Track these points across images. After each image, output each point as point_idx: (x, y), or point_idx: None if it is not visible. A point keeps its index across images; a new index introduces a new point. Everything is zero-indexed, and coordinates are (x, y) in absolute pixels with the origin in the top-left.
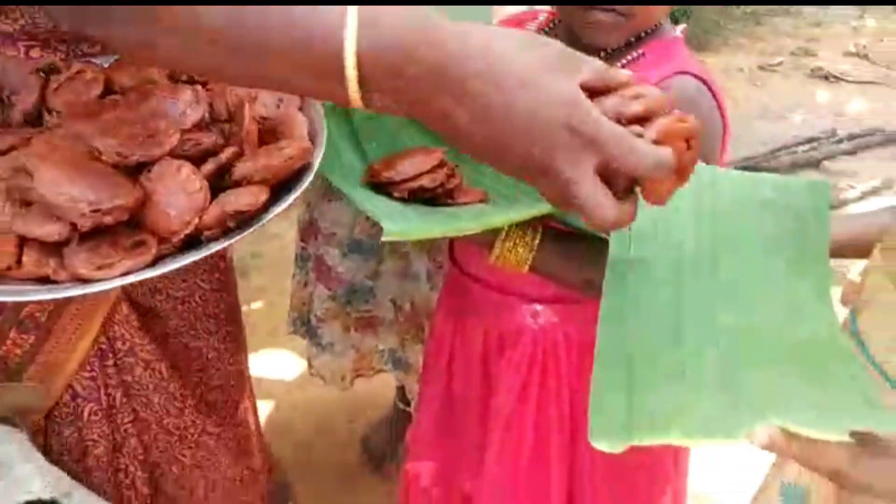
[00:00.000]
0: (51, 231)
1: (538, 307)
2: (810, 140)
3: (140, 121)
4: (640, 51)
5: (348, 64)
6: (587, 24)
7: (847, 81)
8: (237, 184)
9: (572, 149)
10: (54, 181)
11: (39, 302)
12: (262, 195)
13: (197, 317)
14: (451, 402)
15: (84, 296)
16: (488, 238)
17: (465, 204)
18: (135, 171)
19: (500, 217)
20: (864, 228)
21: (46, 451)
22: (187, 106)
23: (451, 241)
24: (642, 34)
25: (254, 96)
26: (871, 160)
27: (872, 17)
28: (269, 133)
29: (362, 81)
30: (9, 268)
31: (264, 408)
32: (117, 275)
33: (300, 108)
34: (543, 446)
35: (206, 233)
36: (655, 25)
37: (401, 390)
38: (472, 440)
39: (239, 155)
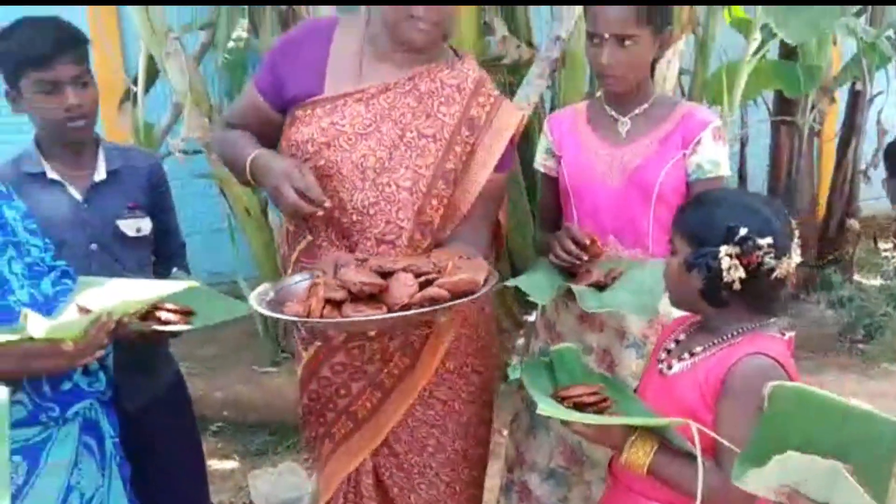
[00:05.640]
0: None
1: None
2: None
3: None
4: (739, 339)
5: None
6: None
7: None
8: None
9: None
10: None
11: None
12: (444, 292)
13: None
14: None
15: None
16: (621, 443)
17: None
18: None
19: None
20: None
21: (378, 482)
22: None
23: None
24: (744, 328)
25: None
26: None
27: None
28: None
29: None
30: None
31: None
32: (375, 317)
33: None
34: None
35: (415, 305)
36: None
37: None
38: None
39: (439, 274)
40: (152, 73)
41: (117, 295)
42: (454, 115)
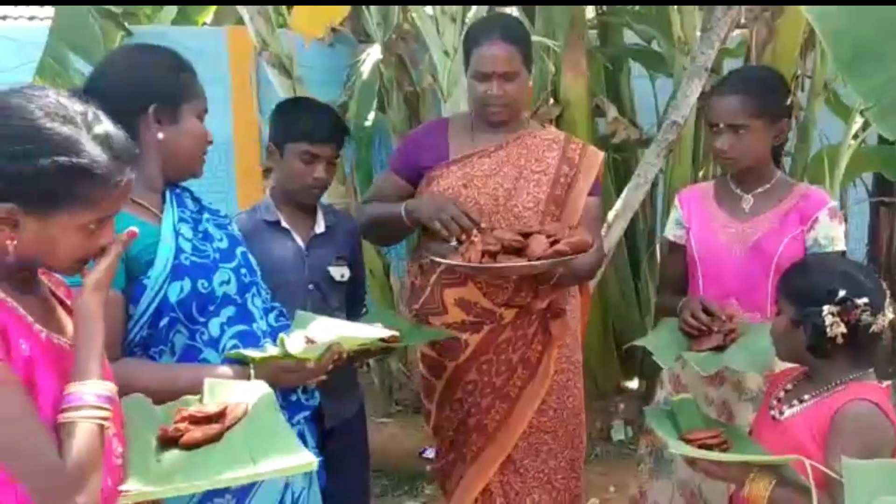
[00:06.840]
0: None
1: None
2: None
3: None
4: (844, 387)
5: None
6: None
7: None
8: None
9: None
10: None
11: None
12: (567, 248)
13: None
14: None
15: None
16: (743, 478)
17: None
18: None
19: (747, 457)
20: None
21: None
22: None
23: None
24: (847, 377)
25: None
26: None
27: None
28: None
29: None
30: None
31: None
32: (522, 264)
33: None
34: None
35: (542, 257)
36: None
37: None
38: None
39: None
40: None
41: (337, 331)
42: (555, 158)
